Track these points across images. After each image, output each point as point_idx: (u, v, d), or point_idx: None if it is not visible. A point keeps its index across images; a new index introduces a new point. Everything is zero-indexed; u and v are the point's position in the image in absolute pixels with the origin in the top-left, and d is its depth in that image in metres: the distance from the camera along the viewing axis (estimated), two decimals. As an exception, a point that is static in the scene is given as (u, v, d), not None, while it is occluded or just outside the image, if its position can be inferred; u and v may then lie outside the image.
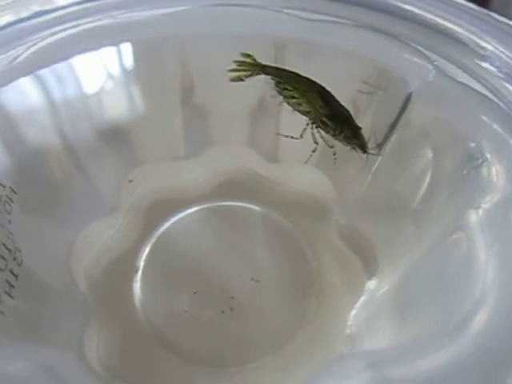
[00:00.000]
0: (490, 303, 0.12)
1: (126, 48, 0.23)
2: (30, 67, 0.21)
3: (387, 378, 0.11)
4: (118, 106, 0.23)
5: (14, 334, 0.15)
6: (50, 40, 0.22)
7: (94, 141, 0.23)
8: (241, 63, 0.21)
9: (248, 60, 0.21)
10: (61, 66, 0.21)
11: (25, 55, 0.21)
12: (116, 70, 0.23)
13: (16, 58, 0.21)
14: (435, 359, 0.11)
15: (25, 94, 0.21)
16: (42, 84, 0.21)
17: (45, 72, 0.21)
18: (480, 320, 0.12)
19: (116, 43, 0.22)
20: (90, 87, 0.23)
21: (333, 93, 0.22)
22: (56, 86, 0.22)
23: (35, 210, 0.20)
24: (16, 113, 0.21)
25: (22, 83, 0.21)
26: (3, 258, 0.16)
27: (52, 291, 0.19)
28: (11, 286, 0.16)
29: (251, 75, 0.21)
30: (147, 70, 0.23)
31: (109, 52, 0.22)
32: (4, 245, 0.17)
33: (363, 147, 0.19)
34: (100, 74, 0.23)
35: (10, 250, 0.17)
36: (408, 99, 0.19)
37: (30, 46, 0.21)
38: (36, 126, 0.21)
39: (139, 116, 0.24)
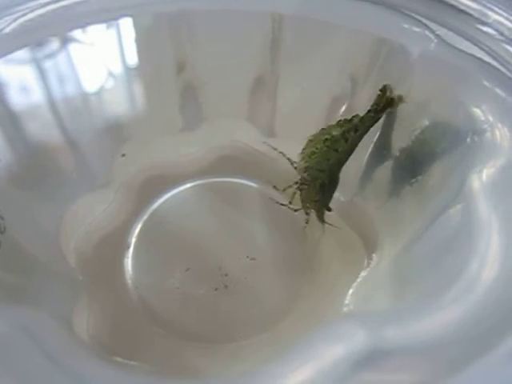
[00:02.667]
0: (496, 262, 0.12)
1: (120, 23, 0.22)
2: (20, 39, 0.20)
3: (382, 340, 0.11)
4: (111, 81, 0.23)
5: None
6: (40, 12, 0.21)
7: (86, 114, 0.22)
8: None
9: None
10: (52, 39, 0.21)
11: (13, 26, 0.20)
12: (109, 46, 0.22)
13: (3, 29, 0.20)
14: (437, 320, 0.11)
15: (16, 67, 0.21)
16: (32, 57, 0.21)
17: (35, 44, 0.21)
18: (486, 279, 0.11)
19: (109, 19, 0.22)
20: (82, 64, 0.22)
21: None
22: (47, 60, 0.21)
23: (22, 181, 0.19)
24: (6, 86, 0.20)
25: (12, 57, 0.20)
26: (-14, 224, 0.16)
27: (39, 264, 0.18)
28: (-6, 253, 0.16)
29: None
30: (141, 46, 0.23)
31: (101, 27, 0.22)
32: (-13, 211, 0.16)
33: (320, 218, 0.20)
34: (92, 50, 0.22)
35: (-8, 217, 0.16)
36: (409, 69, 0.19)
37: (19, 17, 0.21)
38: (26, 100, 0.21)
39: (133, 90, 0.23)
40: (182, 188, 0.23)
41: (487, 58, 0.17)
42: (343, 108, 0.21)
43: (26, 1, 0.21)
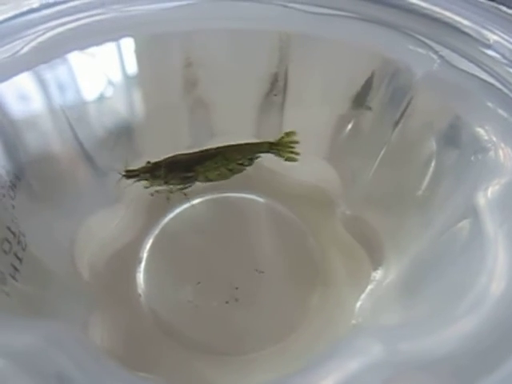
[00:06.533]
0: (504, 276, 0.12)
1: (130, 43, 0.23)
2: (31, 61, 0.21)
3: (398, 354, 0.11)
4: (123, 99, 0.23)
5: (18, 313, 0.15)
6: (51, 34, 0.21)
7: (100, 132, 0.23)
8: None
9: None
10: (64, 60, 0.21)
11: (26, 49, 0.21)
12: (119, 65, 0.23)
13: (17, 52, 0.20)
14: (450, 333, 0.11)
15: (29, 84, 0.21)
16: (47, 74, 0.21)
17: (53, 62, 0.21)
18: (495, 293, 0.12)
19: (119, 38, 0.22)
20: (95, 82, 0.22)
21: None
22: (66, 78, 0.21)
23: (39, 198, 0.20)
24: (23, 104, 0.20)
25: (26, 76, 0.20)
26: (8, 240, 0.16)
27: (56, 278, 0.19)
28: (16, 269, 0.16)
29: None
30: (151, 65, 0.23)
31: (112, 47, 0.22)
32: (8, 228, 0.16)
33: None
34: (103, 69, 0.23)
35: (14, 234, 0.17)
36: (413, 89, 0.19)
37: (31, 40, 0.21)
38: (44, 117, 0.21)
39: (143, 108, 0.24)
40: (191, 203, 0.23)
41: (490, 79, 0.18)
42: (349, 126, 0.22)
43: (37, 24, 0.22)
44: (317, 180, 0.23)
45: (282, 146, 0.23)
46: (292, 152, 0.22)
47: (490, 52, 0.18)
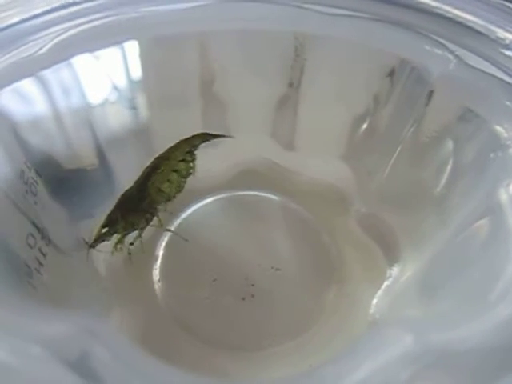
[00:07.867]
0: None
1: (146, 42, 0.23)
2: (48, 61, 0.21)
3: (430, 343, 0.11)
4: (137, 97, 0.24)
5: (45, 305, 0.15)
6: (62, 37, 0.21)
7: (114, 131, 0.23)
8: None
9: None
10: (82, 58, 0.21)
11: (45, 48, 0.21)
12: (135, 64, 0.23)
13: (37, 51, 0.21)
14: (479, 324, 0.12)
15: (48, 83, 0.21)
16: (72, 70, 0.21)
17: (67, 63, 0.21)
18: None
19: (135, 37, 0.23)
20: (110, 80, 0.23)
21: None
22: (85, 76, 0.22)
23: (58, 195, 0.20)
24: (41, 104, 0.21)
25: (45, 74, 0.21)
26: (32, 235, 0.16)
27: (75, 274, 0.19)
28: (40, 263, 0.16)
29: None
30: (167, 64, 0.23)
31: (122, 48, 0.22)
32: (33, 223, 0.17)
33: None
34: (119, 67, 0.23)
35: (38, 229, 0.17)
36: (430, 89, 0.20)
37: (50, 41, 0.21)
38: (61, 117, 0.21)
39: (157, 106, 0.24)
40: (206, 201, 0.24)
41: (507, 79, 0.18)
42: (364, 125, 0.22)
43: (49, 27, 0.22)
44: (331, 178, 0.23)
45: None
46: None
47: (506, 52, 0.18)
